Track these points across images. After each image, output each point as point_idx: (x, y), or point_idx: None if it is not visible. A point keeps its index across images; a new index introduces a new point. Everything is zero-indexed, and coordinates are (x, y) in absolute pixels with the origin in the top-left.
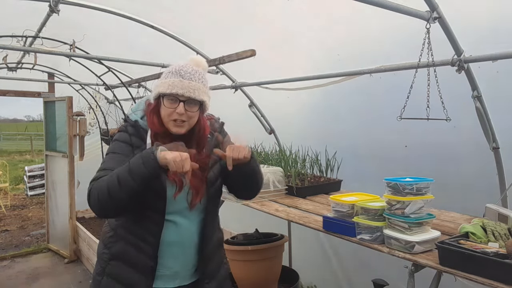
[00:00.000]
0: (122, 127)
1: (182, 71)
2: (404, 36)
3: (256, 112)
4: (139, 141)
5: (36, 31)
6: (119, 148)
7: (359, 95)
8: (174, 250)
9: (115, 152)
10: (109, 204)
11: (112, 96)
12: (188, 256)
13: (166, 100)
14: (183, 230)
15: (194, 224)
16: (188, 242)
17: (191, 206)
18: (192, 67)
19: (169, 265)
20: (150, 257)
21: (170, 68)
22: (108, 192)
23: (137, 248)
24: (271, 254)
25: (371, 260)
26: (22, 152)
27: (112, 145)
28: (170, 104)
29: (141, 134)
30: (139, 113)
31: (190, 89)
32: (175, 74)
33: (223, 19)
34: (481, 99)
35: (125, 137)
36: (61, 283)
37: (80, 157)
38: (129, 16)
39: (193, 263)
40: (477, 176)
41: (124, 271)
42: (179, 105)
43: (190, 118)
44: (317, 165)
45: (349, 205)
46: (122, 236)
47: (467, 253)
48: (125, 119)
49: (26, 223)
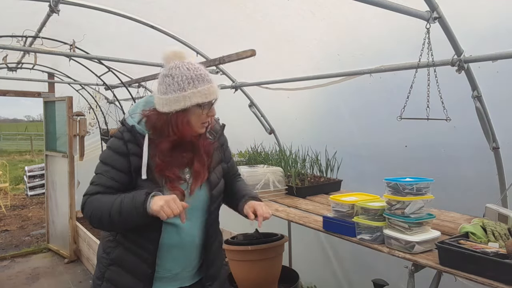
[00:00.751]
0: (118, 133)
1: (201, 75)
2: (404, 36)
3: (256, 112)
4: (136, 147)
5: (36, 31)
6: (112, 160)
7: (359, 95)
8: (174, 252)
9: (107, 164)
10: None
11: (112, 96)
12: (189, 258)
13: (204, 109)
14: (184, 232)
15: (195, 226)
16: (189, 244)
17: (191, 192)
18: (197, 66)
19: (169, 267)
20: (148, 265)
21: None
22: (100, 222)
23: (136, 255)
24: (271, 254)
25: (371, 260)
26: (22, 152)
27: (106, 152)
28: (204, 110)
29: (138, 139)
30: (136, 116)
31: (217, 90)
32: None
33: (223, 19)
34: (481, 99)
35: (119, 146)
36: (61, 283)
37: (80, 157)
38: (129, 16)
39: (194, 265)
40: (477, 176)
41: (123, 278)
42: (212, 108)
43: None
44: (317, 165)
45: (349, 205)
46: (121, 242)
47: (467, 253)
48: (122, 122)
49: (26, 223)
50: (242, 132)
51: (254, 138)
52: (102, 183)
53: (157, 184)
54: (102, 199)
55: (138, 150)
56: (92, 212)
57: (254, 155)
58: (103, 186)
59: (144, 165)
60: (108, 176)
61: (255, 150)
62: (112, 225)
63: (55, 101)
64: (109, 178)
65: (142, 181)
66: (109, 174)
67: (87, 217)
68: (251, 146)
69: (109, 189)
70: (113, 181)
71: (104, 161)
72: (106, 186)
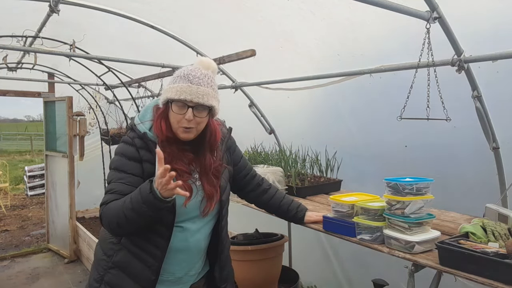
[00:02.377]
0: (128, 138)
1: (191, 75)
2: (404, 36)
3: (256, 112)
4: (148, 154)
5: (36, 31)
6: (126, 166)
7: (359, 95)
8: (179, 256)
9: (122, 171)
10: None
11: (112, 96)
12: (192, 262)
13: (174, 106)
14: (190, 237)
15: (203, 230)
16: (195, 248)
17: (204, 214)
18: (201, 71)
19: (172, 270)
20: (153, 271)
21: (179, 71)
22: (119, 227)
23: (141, 260)
24: (271, 254)
25: (371, 260)
26: (22, 152)
27: (118, 159)
28: (179, 110)
29: (150, 146)
30: (147, 124)
31: (199, 95)
32: (183, 79)
33: (223, 19)
34: (481, 99)
35: (132, 152)
36: (61, 283)
37: (80, 157)
38: (129, 16)
39: (196, 268)
40: (477, 176)
41: (124, 282)
42: (187, 111)
43: (198, 124)
44: (317, 165)
45: (349, 205)
46: (125, 245)
47: (467, 253)
48: (132, 128)
49: (26, 223)
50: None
51: (254, 138)
52: (119, 190)
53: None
54: (113, 206)
55: (150, 157)
56: (109, 220)
57: (254, 155)
58: (120, 193)
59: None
60: (124, 183)
61: (255, 150)
62: (131, 225)
63: (55, 101)
64: (126, 185)
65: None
66: (125, 181)
67: (107, 228)
68: (251, 146)
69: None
70: (130, 186)
71: (119, 169)
72: (123, 193)
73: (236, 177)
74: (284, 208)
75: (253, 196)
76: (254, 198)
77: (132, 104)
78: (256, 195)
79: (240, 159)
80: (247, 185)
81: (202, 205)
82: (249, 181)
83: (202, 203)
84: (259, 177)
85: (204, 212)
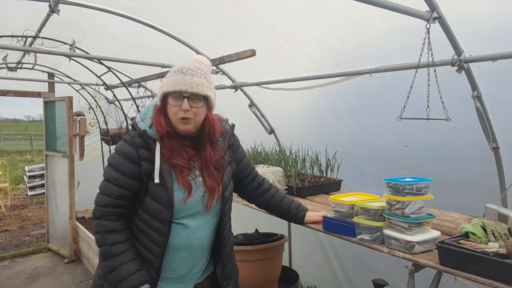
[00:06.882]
0: (129, 137)
1: (184, 68)
2: (404, 36)
3: (256, 112)
4: (147, 152)
5: (36, 31)
6: (121, 166)
7: (359, 95)
8: (181, 254)
9: (117, 170)
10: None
11: (112, 96)
12: (195, 260)
13: (171, 99)
14: (194, 234)
15: (205, 228)
16: (197, 246)
17: (207, 208)
18: (194, 65)
19: (174, 268)
20: (154, 268)
21: (173, 68)
22: (100, 251)
23: (143, 258)
24: (271, 254)
25: (371, 260)
26: (22, 152)
27: (116, 157)
28: (175, 102)
29: (150, 144)
30: (147, 121)
31: (193, 85)
32: (177, 72)
33: (223, 19)
34: (481, 99)
35: (129, 152)
36: (61, 283)
37: (80, 157)
38: (129, 16)
39: (200, 266)
40: (477, 176)
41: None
42: (183, 101)
43: (196, 114)
44: (317, 165)
45: (349, 205)
46: None
47: (467, 253)
48: (133, 126)
49: (26, 223)
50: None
51: (254, 138)
52: (112, 193)
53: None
54: (112, 250)
55: (149, 155)
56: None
57: (254, 155)
58: (113, 196)
59: (157, 168)
60: (117, 185)
61: (255, 150)
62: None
63: (55, 101)
64: (118, 187)
65: (153, 185)
66: (119, 182)
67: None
68: (251, 146)
69: (119, 198)
70: (122, 189)
71: (114, 167)
72: (116, 196)
73: (238, 176)
74: (284, 208)
75: (254, 196)
76: (254, 198)
77: (132, 104)
78: (256, 195)
79: (243, 158)
80: (249, 185)
81: (205, 200)
82: (250, 181)
83: (204, 198)
84: (260, 177)
85: (208, 206)
